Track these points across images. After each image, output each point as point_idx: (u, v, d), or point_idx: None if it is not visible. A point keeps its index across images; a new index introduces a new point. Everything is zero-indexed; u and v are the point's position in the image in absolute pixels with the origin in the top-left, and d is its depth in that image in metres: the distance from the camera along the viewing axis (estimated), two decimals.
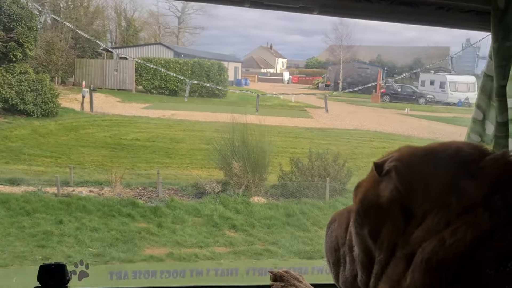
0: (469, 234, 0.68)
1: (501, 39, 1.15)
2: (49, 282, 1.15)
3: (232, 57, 28.06)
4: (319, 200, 8.77)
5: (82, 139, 12.34)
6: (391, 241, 0.75)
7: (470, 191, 0.71)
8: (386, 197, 0.77)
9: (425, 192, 0.74)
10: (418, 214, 0.73)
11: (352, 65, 26.91)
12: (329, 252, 0.95)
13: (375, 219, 0.78)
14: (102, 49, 22.52)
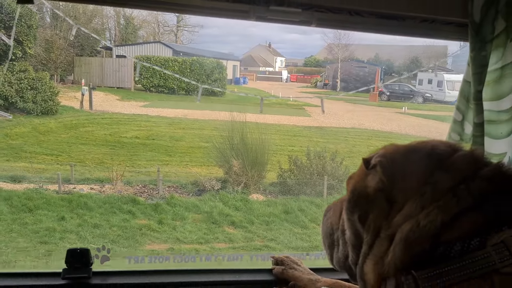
0: (439, 217, 0.83)
1: (477, 49, 1.29)
2: (75, 265, 1.28)
3: (231, 55, 28.16)
4: (317, 197, 8.90)
5: (82, 137, 12.43)
6: (377, 224, 0.90)
7: (442, 181, 0.86)
8: (372, 187, 0.91)
9: (405, 182, 0.89)
10: (399, 201, 0.88)
11: (350, 63, 27.04)
12: (325, 236, 1.11)
13: (364, 206, 0.92)
14: (101, 47, 22.60)
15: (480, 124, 1.32)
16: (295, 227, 7.94)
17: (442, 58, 28.84)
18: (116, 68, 19.63)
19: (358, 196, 0.95)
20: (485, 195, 0.85)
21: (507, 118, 1.30)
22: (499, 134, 1.31)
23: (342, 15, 1.23)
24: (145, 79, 19.07)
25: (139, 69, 16.18)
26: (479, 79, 1.30)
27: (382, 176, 0.90)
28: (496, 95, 1.29)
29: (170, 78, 18.69)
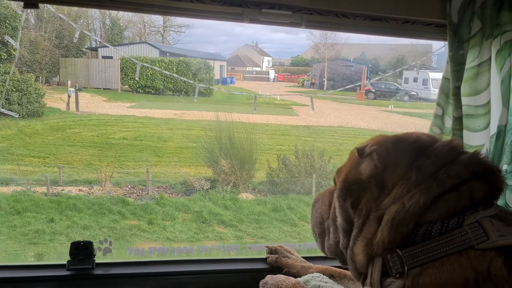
0: (422, 199, 0.93)
1: (455, 48, 1.38)
2: (78, 257, 1.34)
3: (218, 55, 28.13)
4: (305, 195, 8.99)
5: (69, 139, 12.34)
6: (368, 207, 0.99)
7: (425, 167, 0.97)
8: (366, 174, 1.02)
9: (395, 168, 0.99)
10: (389, 185, 0.98)
11: (336, 63, 27.20)
12: (315, 225, 1.19)
13: (356, 192, 1.02)
14: (87, 48, 22.43)
15: (459, 118, 1.41)
16: (285, 225, 8.02)
17: (427, 56, 29.17)
18: (102, 69, 19.49)
19: (351, 183, 1.04)
20: (462, 179, 0.95)
21: (484, 112, 1.39)
22: (476, 127, 1.41)
23: (329, 17, 1.31)
24: (131, 80, 18.97)
25: (139, 70, 16.14)
26: (457, 76, 1.39)
27: (377, 163, 1.00)
28: (474, 91, 1.39)
29: (157, 78, 18.63)
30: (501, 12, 1.34)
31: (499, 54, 1.35)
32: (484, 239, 0.90)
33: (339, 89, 19.06)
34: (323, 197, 1.20)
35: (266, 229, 7.81)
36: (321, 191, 1.30)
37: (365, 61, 31.02)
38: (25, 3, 1.21)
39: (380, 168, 1.00)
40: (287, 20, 1.28)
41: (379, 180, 0.99)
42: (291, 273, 1.46)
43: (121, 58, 19.20)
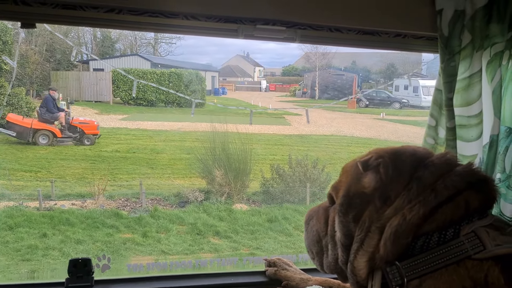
0: (421, 210, 0.95)
1: (446, 60, 1.41)
2: (77, 274, 1.34)
3: (209, 66, 28.23)
4: (300, 205, 9.00)
5: (61, 152, 12.26)
6: (370, 219, 1.01)
7: (424, 178, 1.00)
8: (371, 186, 1.03)
9: (398, 180, 1.01)
10: (392, 197, 1.00)
11: (328, 71, 27.40)
12: (312, 244, 1.20)
13: (359, 206, 1.03)
14: (78, 61, 22.38)
15: (452, 128, 1.44)
16: (280, 235, 8.00)
17: (417, 65, 29.47)
18: (94, 81, 19.46)
19: (352, 197, 1.05)
20: (458, 190, 0.97)
21: (476, 122, 1.42)
22: (470, 137, 1.43)
23: (323, 31, 1.34)
24: (123, 92, 18.95)
25: (135, 87, 16.19)
26: (450, 88, 1.42)
27: (383, 175, 1.01)
28: (466, 101, 1.41)
29: (149, 90, 18.63)
30: (490, 24, 1.37)
31: (490, 65, 1.37)
32: (480, 249, 0.92)
33: (334, 101, 19.16)
34: (317, 214, 1.19)
35: (261, 240, 7.78)
36: (316, 202, 1.28)
37: (356, 70, 31.27)
38: (22, 23, 1.22)
39: (385, 181, 1.01)
40: (282, 35, 1.30)
41: (383, 192, 1.01)
42: (290, 285, 1.47)
43: (112, 71, 19.20)
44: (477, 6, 1.36)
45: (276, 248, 7.49)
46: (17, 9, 1.17)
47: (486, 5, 1.35)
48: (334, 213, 1.09)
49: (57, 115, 12.19)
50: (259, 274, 1.54)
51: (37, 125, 12.00)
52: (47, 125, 12.14)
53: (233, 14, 1.25)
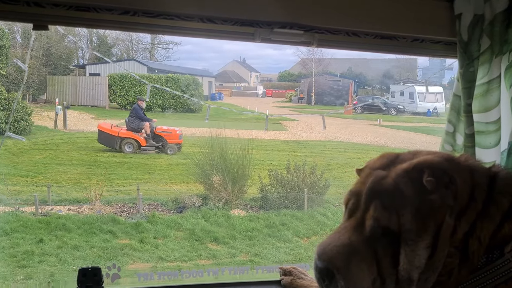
0: (490, 227, 0.93)
1: (465, 66, 1.39)
2: (86, 284, 1.30)
3: (206, 71, 28.25)
4: (298, 211, 8.96)
5: (57, 157, 12.19)
6: (445, 242, 0.92)
7: (481, 184, 0.97)
8: (444, 205, 0.93)
9: (464, 190, 0.95)
10: (461, 210, 0.94)
11: (324, 77, 27.48)
12: None
13: (433, 228, 0.93)
14: (74, 66, 22.34)
15: (471, 135, 1.41)
16: (278, 241, 7.96)
17: (412, 70, 29.65)
18: (90, 86, 19.41)
19: (425, 219, 0.90)
20: None
21: (495, 129, 1.39)
22: (488, 144, 1.41)
23: (340, 35, 1.32)
24: (120, 97, 18.90)
25: (149, 91, 16.21)
26: (468, 93, 1.40)
27: (456, 191, 0.93)
28: (484, 107, 1.39)
29: (145, 95, 18.58)
30: (509, 29, 1.36)
31: (508, 70, 1.36)
32: None
33: (335, 111, 19.13)
34: (356, 254, 0.92)
35: (260, 246, 7.73)
36: (314, 208, 1.15)
37: (352, 75, 31.40)
38: (35, 25, 1.19)
39: (457, 195, 0.95)
40: (299, 39, 1.28)
41: (455, 208, 0.94)
42: None
43: (109, 76, 19.17)
44: (496, 10, 1.34)
45: (275, 255, 7.44)
46: (30, 10, 1.14)
47: (505, 9, 1.34)
48: (384, 245, 0.91)
49: (143, 124, 12.48)
50: (273, 284, 1.50)
51: (124, 134, 12.44)
52: (133, 134, 12.50)
53: (249, 18, 1.23)
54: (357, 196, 0.98)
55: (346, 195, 1.03)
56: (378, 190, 0.94)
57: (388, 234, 0.89)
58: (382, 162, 1.02)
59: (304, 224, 8.43)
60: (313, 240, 8.00)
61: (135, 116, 12.59)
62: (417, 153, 1.04)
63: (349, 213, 0.99)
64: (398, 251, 0.88)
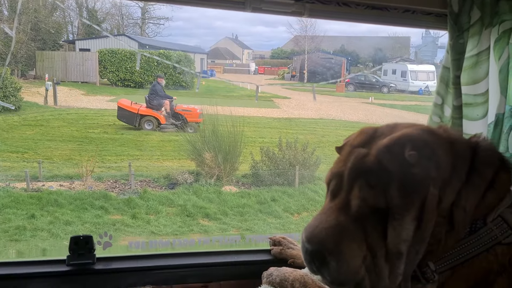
0: (476, 197, 0.95)
1: (455, 37, 1.39)
2: (78, 252, 1.31)
3: (198, 48, 27.92)
4: (289, 187, 9.03)
5: (48, 133, 12.10)
6: (432, 213, 0.92)
7: (462, 155, 0.98)
8: (427, 177, 0.93)
9: (446, 160, 0.96)
10: (445, 180, 0.94)
11: (316, 55, 27.32)
12: (351, 277, 0.93)
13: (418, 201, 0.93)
14: (64, 41, 21.96)
15: (459, 107, 1.43)
16: (269, 217, 8.03)
17: (405, 49, 29.56)
18: (80, 62, 19.15)
19: (411, 194, 0.90)
20: (496, 168, 0.99)
21: (482, 101, 1.41)
22: (475, 116, 1.42)
23: (331, 6, 1.31)
24: (110, 73, 18.69)
25: (140, 60, 15.94)
26: (458, 65, 1.40)
27: (438, 162, 0.94)
28: (473, 79, 1.40)
29: (136, 72, 18.40)
30: (499, 1, 1.36)
31: (498, 43, 1.36)
32: (509, 233, 0.93)
33: (323, 82, 19.09)
34: (346, 234, 0.92)
35: (251, 222, 7.81)
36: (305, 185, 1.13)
37: (344, 53, 31.26)
38: None
39: (440, 166, 0.96)
40: (290, 9, 1.27)
41: (438, 179, 0.93)
42: (297, 263, 1.46)
43: (99, 51, 18.91)
44: None
45: (266, 230, 7.52)
46: None
47: None
48: (372, 222, 0.91)
49: (163, 102, 12.45)
50: (263, 252, 1.53)
51: (143, 111, 12.36)
52: (153, 112, 12.43)
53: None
54: (339, 176, 0.97)
55: (327, 175, 1.01)
56: (361, 169, 0.93)
57: (375, 211, 0.90)
58: (362, 139, 1.01)
59: (295, 200, 8.51)
60: (304, 216, 8.09)
61: (155, 93, 12.56)
62: (395, 126, 1.02)
63: (332, 194, 0.98)
64: (386, 226, 0.89)
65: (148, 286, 1.36)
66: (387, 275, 0.91)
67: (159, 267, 1.38)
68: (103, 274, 1.35)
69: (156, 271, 1.38)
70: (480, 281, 0.92)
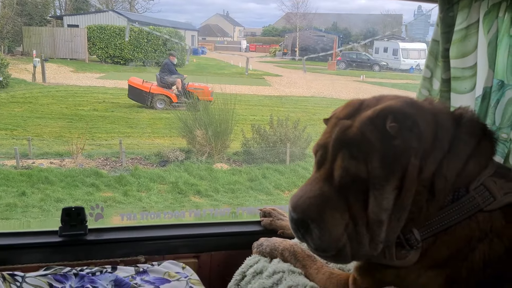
0: (457, 165, 0.98)
1: (445, 10, 1.39)
2: (70, 223, 1.32)
3: (188, 25, 27.53)
4: (280, 164, 9.08)
5: (37, 111, 11.98)
6: (412, 183, 0.95)
7: (445, 125, 1.00)
8: (408, 148, 0.96)
9: (427, 130, 0.99)
10: (426, 150, 0.97)
11: (308, 32, 27.11)
12: (333, 243, 0.96)
13: (399, 172, 0.96)
14: (51, 17, 21.51)
15: (447, 80, 1.44)
16: (260, 194, 8.09)
17: (397, 27, 29.40)
18: (69, 38, 18.82)
19: (391, 165, 0.93)
20: (478, 138, 1.02)
21: (470, 74, 1.42)
22: (463, 90, 1.44)
23: None
24: (99, 50, 18.41)
25: (128, 32, 15.64)
26: (447, 38, 1.41)
27: (419, 133, 0.96)
28: (461, 53, 1.41)
29: (126, 48, 18.14)
30: None
31: (487, 16, 1.37)
32: (491, 200, 0.96)
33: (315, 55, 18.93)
34: (328, 203, 0.95)
35: (242, 198, 7.87)
36: (296, 162, 1.16)
37: (336, 31, 31.03)
38: None
39: (421, 137, 0.99)
40: None
41: (419, 150, 0.96)
42: (286, 234, 1.49)
43: (87, 27, 18.56)
44: None
45: (257, 206, 7.59)
46: None
47: None
48: (355, 192, 0.94)
49: (174, 80, 12.27)
50: (254, 224, 1.55)
51: (155, 90, 12.17)
52: (164, 90, 12.25)
53: None
54: (324, 147, 1.01)
55: (314, 146, 1.05)
56: (344, 140, 0.96)
57: (357, 181, 0.93)
58: (348, 111, 1.03)
59: (286, 178, 8.57)
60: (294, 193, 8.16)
61: (167, 71, 12.41)
62: (381, 99, 1.04)
63: (318, 164, 1.01)
64: (367, 195, 0.93)
65: (141, 256, 1.38)
66: (367, 242, 0.95)
67: (151, 238, 1.40)
68: (95, 244, 1.36)
69: (148, 241, 1.40)
70: (462, 247, 0.95)
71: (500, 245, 0.94)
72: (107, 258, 1.37)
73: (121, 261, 1.38)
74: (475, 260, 0.94)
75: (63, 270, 1.26)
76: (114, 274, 1.27)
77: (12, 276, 1.18)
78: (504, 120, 1.34)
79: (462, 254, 0.95)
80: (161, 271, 1.33)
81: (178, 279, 1.32)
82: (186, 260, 1.43)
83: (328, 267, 1.24)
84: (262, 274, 1.29)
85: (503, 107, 1.34)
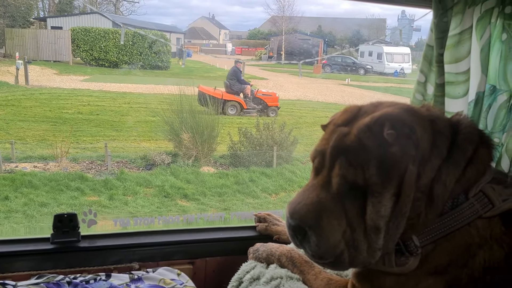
0: (456, 172, 0.99)
1: (439, 15, 1.41)
2: (63, 229, 1.29)
3: (174, 28, 27.43)
4: (267, 168, 9.08)
5: (20, 114, 11.78)
6: (409, 189, 0.95)
7: (444, 132, 1.01)
8: (406, 155, 0.96)
9: (424, 138, 0.99)
10: (424, 157, 0.98)
11: (294, 36, 27.24)
12: (331, 250, 0.96)
13: (397, 178, 0.96)
14: (34, 18, 21.23)
15: (441, 85, 1.45)
16: (247, 197, 8.08)
17: (381, 31, 29.73)
18: (52, 40, 18.57)
19: (389, 171, 0.93)
20: (476, 145, 1.03)
21: (464, 79, 1.44)
22: (457, 94, 1.45)
23: None
24: (84, 52, 18.21)
25: (123, 35, 15.47)
26: (441, 43, 1.42)
27: (417, 140, 0.96)
28: (455, 58, 1.42)
29: (111, 51, 17.98)
30: None
31: (480, 22, 1.38)
32: (490, 207, 0.96)
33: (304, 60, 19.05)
34: (325, 210, 0.94)
35: (229, 202, 7.84)
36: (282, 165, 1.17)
37: (321, 34, 31.24)
38: None
39: (419, 144, 0.99)
40: None
41: (417, 156, 0.96)
42: (282, 239, 1.48)
43: (71, 29, 18.36)
44: None
45: (244, 210, 7.57)
46: None
47: None
48: (352, 199, 0.94)
49: (243, 87, 12.60)
50: (249, 229, 1.54)
51: (227, 97, 12.44)
52: (235, 97, 12.57)
53: None
54: (322, 154, 1.00)
55: (312, 152, 1.05)
56: (341, 147, 0.96)
57: (355, 188, 0.93)
58: (345, 117, 1.04)
59: (273, 181, 8.56)
60: (282, 196, 8.16)
61: (235, 79, 12.72)
62: (378, 105, 1.05)
63: (316, 171, 1.01)
64: (365, 202, 0.93)
65: (135, 263, 1.36)
66: (365, 249, 0.94)
67: (144, 244, 1.38)
68: (88, 251, 1.34)
69: (141, 248, 1.38)
70: (462, 254, 0.95)
71: (500, 251, 0.94)
72: (100, 265, 1.34)
73: (114, 268, 1.35)
74: (475, 267, 0.94)
75: (56, 278, 1.23)
76: (108, 282, 1.24)
77: (3, 285, 1.15)
78: (496, 124, 1.35)
79: (461, 261, 0.95)
80: (156, 278, 1.31)
81: (173, 286, 1.30)
82: (181, 266, 1.41)
83: (326, 273, 1.23)
84: (260, 280, 1.27)
85: (495, 111, 1.35)
